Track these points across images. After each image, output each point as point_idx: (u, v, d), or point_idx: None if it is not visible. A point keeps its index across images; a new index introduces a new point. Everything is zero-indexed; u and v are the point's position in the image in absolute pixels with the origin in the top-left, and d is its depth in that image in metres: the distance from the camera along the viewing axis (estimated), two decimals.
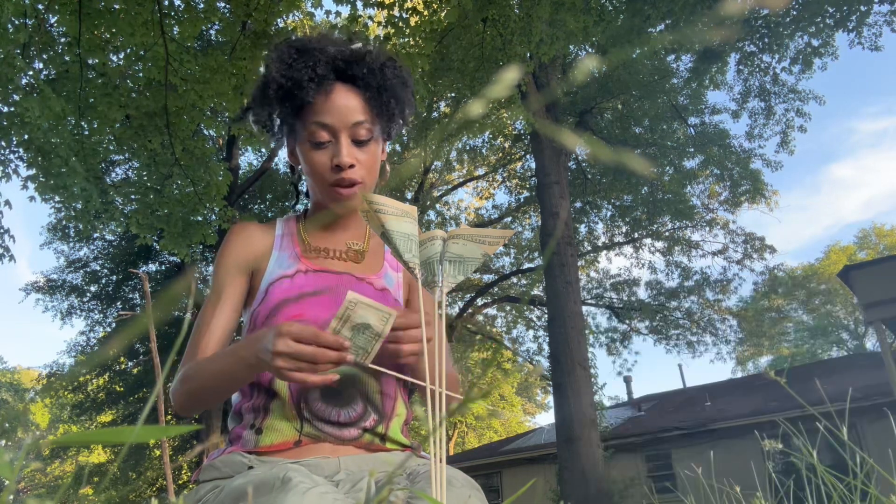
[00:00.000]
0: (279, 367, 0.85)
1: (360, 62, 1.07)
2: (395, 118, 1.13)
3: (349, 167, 1.05)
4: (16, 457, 0.33)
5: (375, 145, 1.10)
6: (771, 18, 10.38)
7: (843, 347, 28.07)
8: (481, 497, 0.88)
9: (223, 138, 12.78)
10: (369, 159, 1.09)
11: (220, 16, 5.60)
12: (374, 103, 1.08)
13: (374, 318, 0.84)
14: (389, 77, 1.09)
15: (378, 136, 1.11)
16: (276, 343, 0.84)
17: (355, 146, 1.07)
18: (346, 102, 1.06)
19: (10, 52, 4.58)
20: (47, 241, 14.46)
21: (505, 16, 6.62)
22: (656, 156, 13.67)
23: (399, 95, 1.10)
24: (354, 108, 1.07)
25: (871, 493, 1.07)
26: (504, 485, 14.51)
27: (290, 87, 1.04)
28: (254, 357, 0.90)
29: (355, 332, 0.85)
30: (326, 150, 1.07)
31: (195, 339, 1.05)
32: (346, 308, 0.83)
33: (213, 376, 0.97)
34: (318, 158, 1.07)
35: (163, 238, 6.41)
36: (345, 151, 1.05)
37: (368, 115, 1.08)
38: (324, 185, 1.08)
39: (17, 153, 5.53)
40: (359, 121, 1.07)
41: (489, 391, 0.38)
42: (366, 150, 1.08)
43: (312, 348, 0.84)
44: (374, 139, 1.10)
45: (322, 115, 1.05)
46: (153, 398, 0.41)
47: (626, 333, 17.36)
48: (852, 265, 9.93)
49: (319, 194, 1.12)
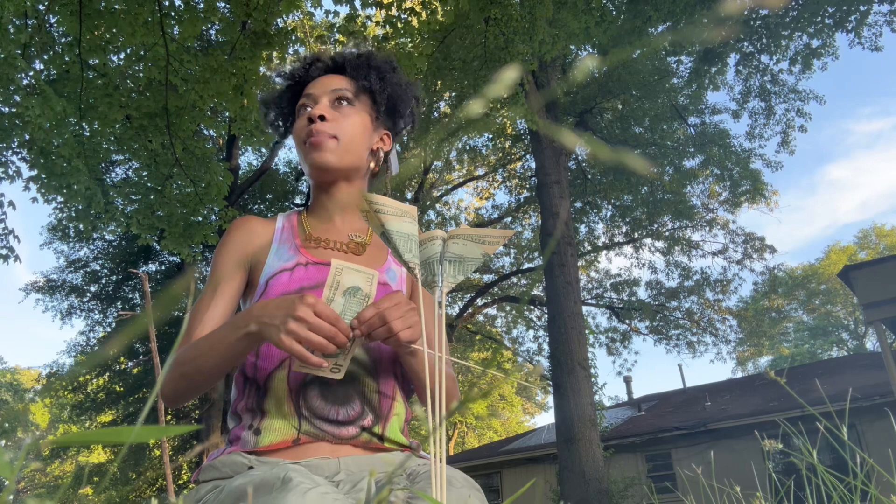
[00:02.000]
0: (291, 331, 0.83)
1: (350, 55, 1.18)
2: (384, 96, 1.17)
3: (319, 118, 1.09)
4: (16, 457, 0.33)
5: (356, 112, 1.14)
6: (770, 19, 10.38)
7: (843, 347, 28.07)
8: (481, 497, 0.88)
9: (223, 138, 12.78)
10: (346, 120, 1.12)
11: (220, 16, 5.60)
12: (361, 81, 1.15)
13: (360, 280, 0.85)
14: (377, 61, 1.17)
15: (363, 109, 1.15)
16: (298, 308, 0.84)
17: (334, 109, 1.13)
18: (330, 79, 1.16)
19: (11, 53, 4.58)
20: (47, 241, 14.48)
21: (507, 15, 6.62)
22: (656, 156, 13.67)
23: (383, 72, 1.16)
24: (337, 80, 1.15)
25: (871, 493, 1.07)
26: (504, 485, 14.51)
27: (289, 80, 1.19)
28: (256, 322, 0.87)
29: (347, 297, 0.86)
30: (306, 114, 1.13)
31: (189, 329, 1.05)
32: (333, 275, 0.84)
33: (205, 352, 0.95)
34: (298, 123, 1.14)
35: (163, 238, 6.41)
36: (318, 107, 1.11)
37: (351, 86, 1.15)
38: (300, 145, 1.12)
39: (20, 154, 5.54)
40: (339, 87, 1.14)
41: (489, 391, 0.38)
42: (343, 111, 1.13)
43: (333, 329, 0.84)
44: (355, 107, 1.14)
45: (307, 90, 1.15)
46: (153, 398, 0.41)
47: (626, 333, 17.37)
48: (852, 265, 9.93)
49: (303, 164, 1.15)
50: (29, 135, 5.03)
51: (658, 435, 12.50)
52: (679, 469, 11.29)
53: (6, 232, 5.71)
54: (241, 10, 5.42)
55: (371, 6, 5.76)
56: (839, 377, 13.09)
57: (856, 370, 13.35)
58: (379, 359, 1.05)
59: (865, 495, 1.09)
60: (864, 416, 10.05)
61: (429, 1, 5.90)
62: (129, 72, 5.80)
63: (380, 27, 6.26)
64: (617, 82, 12.67)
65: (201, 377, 0.98)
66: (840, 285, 22.53)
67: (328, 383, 1.00)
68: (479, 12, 6.62)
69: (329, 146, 1.09)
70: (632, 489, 9.91)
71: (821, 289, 26.82)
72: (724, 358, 18.77)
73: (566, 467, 8.94)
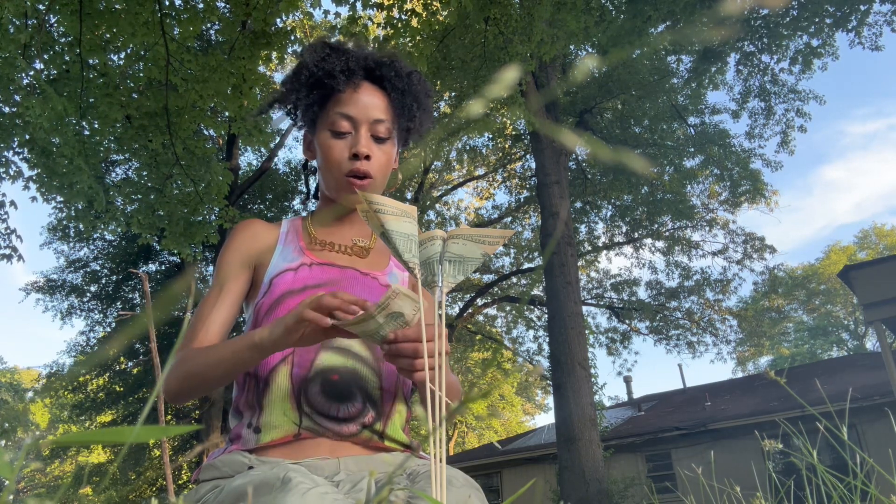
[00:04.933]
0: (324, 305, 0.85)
1: (389, 66, 1.12)
2: (415, 126, 1.16)
3: (365, 158, 1.08)
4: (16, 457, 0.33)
5: (391, 147, 1.13)
6: (771, 18, 10.38)
7: (843, 347, 28.07)
8: (481, 497, 0.88)
9: (223, 138, 12.78)
10: (384, 158, 1.12)
11: (220, 15, 5.60)
12: (398, 105, 1.12)
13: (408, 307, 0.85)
14: (415, 83, 1.13)
15: (395, 140, 1.14)
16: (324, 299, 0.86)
17: (374, 142, 1.10)
18: (371, 99, 1.11)
19: (11, 53, 4.58)
20: (47, 241, 14.47)
21: (507, 15, 6.62)
22: (656, 156, 13.67)
23: (422, 103, 1.14)
24: (378, 105, 1.11)
25: (871, 493, 1.07)
26: (504, 485, 14.51)
27: (322, 77, 1.08)
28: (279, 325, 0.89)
29: (388, 319, 0.85)
30: (346, 140, 1.10)
31: (193, 329, 1.06)
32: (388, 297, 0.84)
33: (217, 360, 0.97)
34: (337, 147, 1.10)
35: (163, 238, 6.41)
36: (363, 142, 1.08)
37: (390, 115, 1.12)
38: (339, 174, 1.10)
39: (21, 154, 5.55)
40: (380, 118, 1.10)
41: (489, 391, 0.38)
42: (382, 148, 1.11)
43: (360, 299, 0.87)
44: (391, 140, 1.13)
45: (346, 107, 1.09)
46: (153, 398, 0.41)
47: (626, 333, 17.36)
48: (852, 265, 9.93)
49: (332, 186, 1.13)
50: (29, 134, 5.03)
51: (658, 435, 12.50)
52: (679, 469, 11.29)
53: (8, 232, 5.71)
54: (240, 10, 5.42)
55: (371, 7, 5.76)
56: (839, 377, 13.09)
57: (856, 370, 13.35)
58: (381, 357, 1.05)
59: (865, 495, 1.09)
60: (864, 416, 10.05)
61: (430, 1, 5.90)
62: (129, 71, 5.80)
63: (380, 28, 6.26)
64: (617, 82, 12.67)
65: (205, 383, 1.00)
66: (840, 285, 22.54)
67: (329, 380, 1.00)
68: (479, 12, 6.62)
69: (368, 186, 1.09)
70: (632, 489, 9.91)
71: (821, 289, 26.81)
72: (724, 358, 18.79)
73: (566, 467, 8.94)
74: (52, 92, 4.84)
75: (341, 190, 1.11)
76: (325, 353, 1.02)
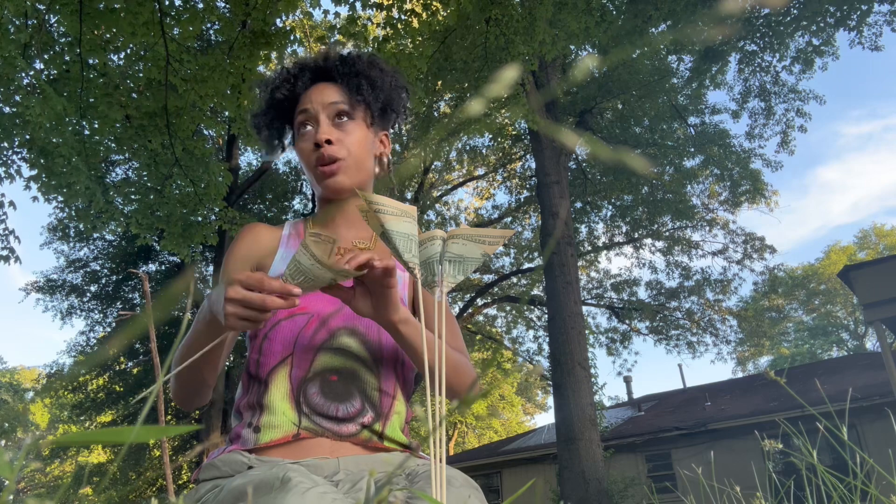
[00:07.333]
0: (228, 314, 0.84)
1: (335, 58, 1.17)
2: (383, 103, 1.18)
3: (326, 142, 1.09)
4: (16, 457, 0.33)
5: (358, 126, 1.14)
6: (771, 18, 10.39)
7: (843, 347, 28.08)
8: (481, 497, 0.88)
9: (223, 138, 12.78)
10: (350, 137, 1.13)
11: (219, 15, 5.60)
12: (352, 88, 1.14)
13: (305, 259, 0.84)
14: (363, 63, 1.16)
15: (361, 120, 1.15)
16: (228, 291, 0.84)
17: (336, 128, 1.13)
18: (323, 89, 1.15)
19: (11, 53, 4.58)
20: (47, 241, 14.48)
21: (508, 15, 6.62)
22: (656, 156, 13.67)
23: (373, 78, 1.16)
24: (330, 92, 1.14)
25: (871, 493, 1.07)
26: (504, 485, 14.52)
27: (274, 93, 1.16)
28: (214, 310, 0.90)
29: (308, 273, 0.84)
30: (309, 135, 1.13)
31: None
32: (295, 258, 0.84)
33: (188, 348, 0.98)
34: (303, 145, 1.13)
35: (163, 238, 6.41)
36: (323, 128, 1.11)
37: (346, 98, 1.14)
38: (310, 168, 1.12)
39: (21, 154, 5.54)
40: (334, 101, 1.13)
41: (489, 391, 0.38)
42: (345, 128, 1.13)
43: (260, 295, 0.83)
44: (357, 120, 1.14)
45: (302, 104, 1.14)
46: (152, 398, 0.41)
47: (626, 333, 17.35)
48: (852, 265, 9.93)
49: (313, 182, 1.15)
50: (29, 134, 5.03)
51: (658, 435, 12.50)
52: (679, 469, 11.29)
53: (7, 232, 5.70)
54: (240, 10, 5.43)
55: (371, 7, 5.76)
56: (839, 377, 13.09)
57: (856, 370, 13.35)
58: (380, 357, 1.05)
59: (865, 495, 1.09)
60: (864, 416, 10.05)
61: (430, 2, 5.90)
62: (129, 72, 5.80)
63: (380, 28, 6.26)
64: (617, 82, 12.67)
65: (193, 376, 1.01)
66: (840, 285, 22.53)
67: (328, 380, 1.00)
68: (480, 13, 6.62)
69: (340, 169, 1.10)
70: (632, 489, 9.90)
71: (821, 289, 26.83)
72: (724, 358, 18.78)
73: (566, 467, 8.94)
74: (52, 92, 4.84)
75: (318, 183, 1.13)
76: (323, 354, 1.02)
